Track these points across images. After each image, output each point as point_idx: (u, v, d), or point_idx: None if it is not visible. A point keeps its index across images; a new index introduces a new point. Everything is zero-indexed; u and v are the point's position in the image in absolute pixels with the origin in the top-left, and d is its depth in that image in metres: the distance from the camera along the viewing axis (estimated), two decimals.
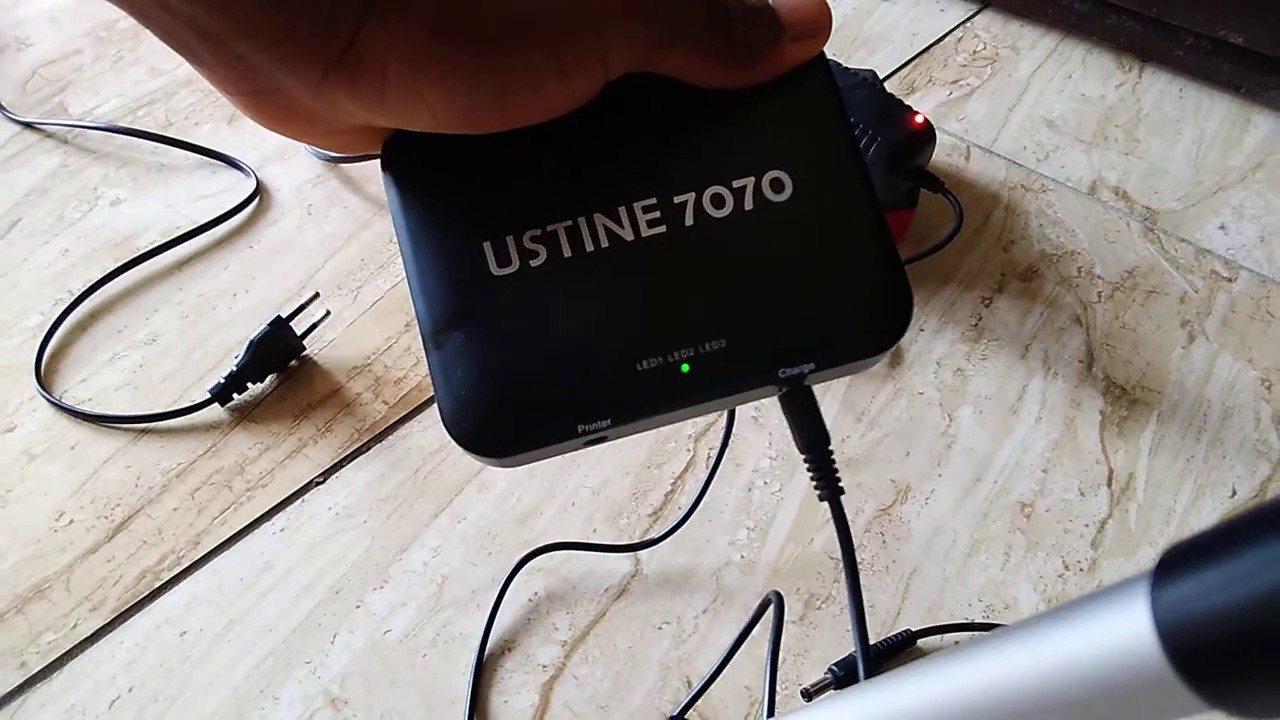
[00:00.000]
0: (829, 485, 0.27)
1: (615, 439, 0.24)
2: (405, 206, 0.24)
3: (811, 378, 0.24)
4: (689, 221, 0.24)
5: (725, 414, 0.53)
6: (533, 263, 0.24)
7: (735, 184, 0.24)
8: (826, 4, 0.24)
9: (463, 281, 0.24)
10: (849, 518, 0.55)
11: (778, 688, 0.49)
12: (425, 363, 0.24)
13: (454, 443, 0.24)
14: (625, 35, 0.22)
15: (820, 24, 0.24)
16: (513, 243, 0.24)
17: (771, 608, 0.41)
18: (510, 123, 0.23)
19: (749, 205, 0.24)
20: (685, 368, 0.23)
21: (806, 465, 0.27)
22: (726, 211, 0.24)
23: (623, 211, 0.24)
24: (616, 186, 0.24)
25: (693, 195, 0.24)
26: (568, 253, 0.24)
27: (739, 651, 0.47)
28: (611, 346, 0.23)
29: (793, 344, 0.24)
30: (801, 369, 0.24)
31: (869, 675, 0.26)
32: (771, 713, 0.44)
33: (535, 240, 0.24)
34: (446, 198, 0.24)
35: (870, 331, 0.24)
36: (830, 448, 0.27)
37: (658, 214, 0.24)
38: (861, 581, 0.53)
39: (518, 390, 0.23)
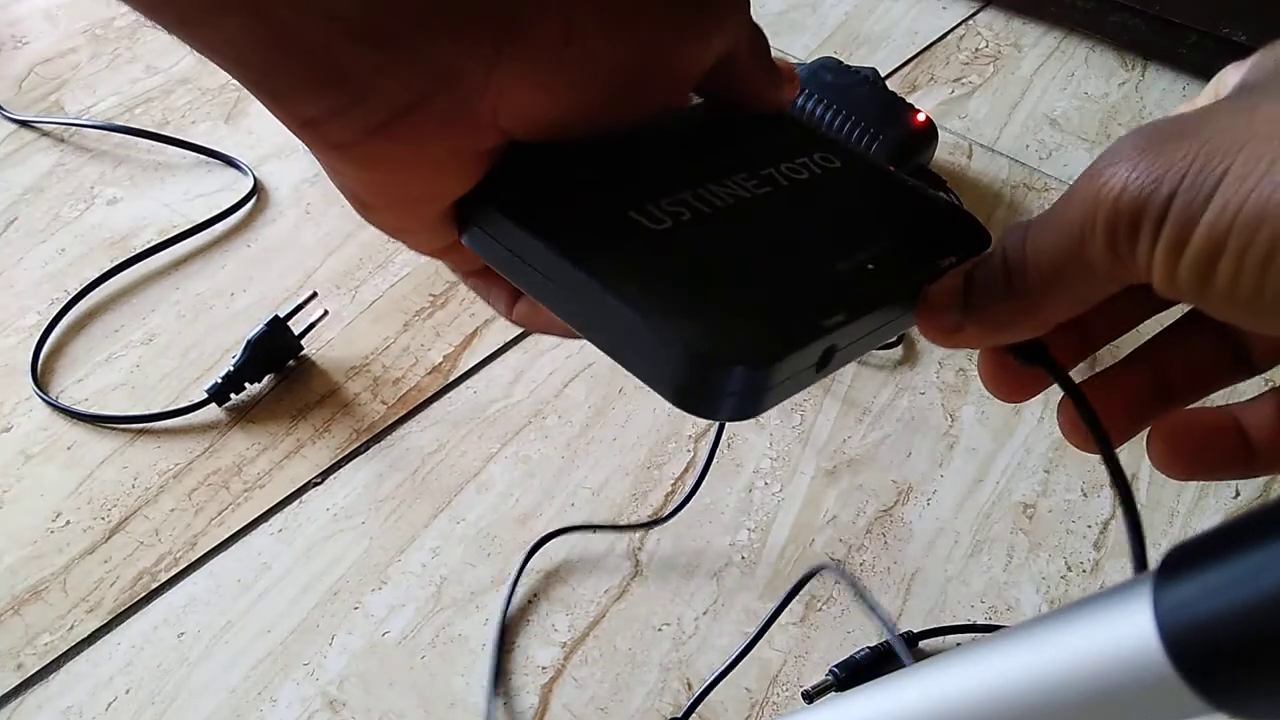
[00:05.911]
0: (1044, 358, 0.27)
1: (840, 363, 0.24)
2: (537, 229, 0.23)
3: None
4: (783, 182, 0.26)
5: None
6: (683, 218, 0.24)
7: (797, 160, 0.27)
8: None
9: (630, 237, 0.23)
10: (850, 520, 0.56)
11: (777, 693, 0.49)
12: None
13: (685, 389, 0.20)
14: (741, 27, 0.24)
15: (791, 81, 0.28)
16: (654, 208, 0.24)
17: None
18: (624, 113, 0.23)
19: (818, 170, 0.27)
20: (871, 266, 0.24)
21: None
22: (805, 176, 0.27)
23: (725, 181, 0.25)
24: (706, 166, 0.26)
25: (772, 168, 0.27)
26: (706, 210, 0.24)
27: (737, 653, 0.47)
28: (805, 257, 0.24)
29: (933, 242, 0.26)
30: (951, 259, 0.25)
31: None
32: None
33: (671, 206, 0.24)
34: (568, 200, 0.24)
35: (971, 234, 0.27)
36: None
37: (754, 180, 0.26)
38: (862, 583, 0.53)
39: (747, 300, 0.22)
